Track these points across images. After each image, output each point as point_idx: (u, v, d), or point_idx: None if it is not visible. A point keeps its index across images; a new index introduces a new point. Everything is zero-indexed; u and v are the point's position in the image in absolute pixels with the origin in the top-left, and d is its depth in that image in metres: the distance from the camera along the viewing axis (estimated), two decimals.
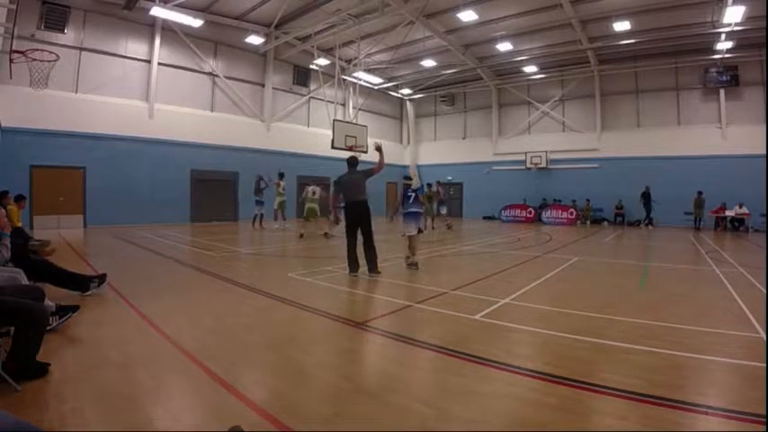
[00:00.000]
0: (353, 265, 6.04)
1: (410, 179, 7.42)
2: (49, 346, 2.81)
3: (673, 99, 18.05)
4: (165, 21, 14.63)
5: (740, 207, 15.50)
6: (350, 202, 6.14)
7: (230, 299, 4.74)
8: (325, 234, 10.95)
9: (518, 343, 3.42)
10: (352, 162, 6.41)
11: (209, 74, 16.88)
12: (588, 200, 19.26)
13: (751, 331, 3.60)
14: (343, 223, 6.71)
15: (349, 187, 6.19)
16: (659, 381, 2.57)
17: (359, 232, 6.10)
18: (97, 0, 13.58)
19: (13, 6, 8.10)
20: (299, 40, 17.67)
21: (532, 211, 20.51)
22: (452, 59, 19.69)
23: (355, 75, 19.64)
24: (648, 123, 18.62)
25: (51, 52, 8.82)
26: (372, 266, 6.02)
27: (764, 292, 5.20)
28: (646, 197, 17.41)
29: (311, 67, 19.39)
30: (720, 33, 14.53)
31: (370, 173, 6.32)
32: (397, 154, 25.86)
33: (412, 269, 6.54)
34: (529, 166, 21.31)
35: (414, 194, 7.03)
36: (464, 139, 24.52)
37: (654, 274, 6.69)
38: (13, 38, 8.41)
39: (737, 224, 15.76)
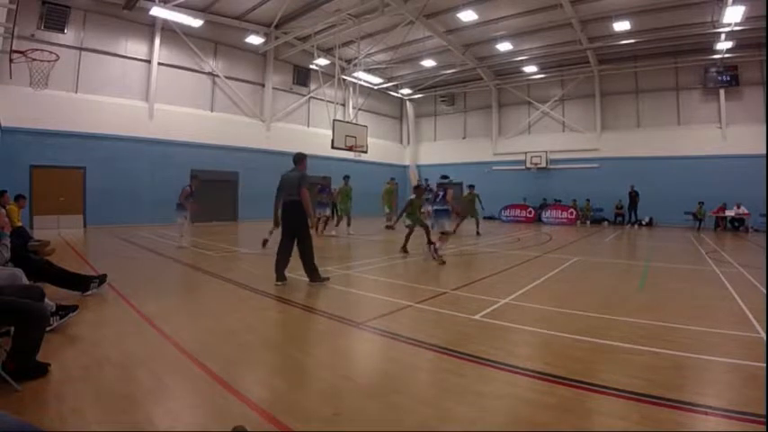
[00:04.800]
0: (280, 273, 5.36)
1: (447, 177, 8.43)
2: (49, 346, 2.81)
3: (673, 99, 18.05)
4: (165, 21, 14.62)
5: (738, 207, 15.51)
6: (285, 202, 5.47)
7: (230, 299, 4.73)
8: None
9: (518, 343, 3.42)
10: (296, 159, 5.66)
11: (209, 74, 16.87)
12: (588, 200, 19.27)
13: (751, 331, 3.60)
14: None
15: (285, 185, 5.52)
16: (659, 381, 2.57)
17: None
18: (97, 0, 13.59)
19: (13, 6, 8.09)
20: (299, 40, 17.66)
21: (532, 211, 20.50)
22: (452, 59, 19.69)
23: (355, 75, 19.64)
24: (648, 123, 18.62)
25: (51, 52, 8.81)
26: (312, 275, 5.35)
27: (764, 292, 5.20)
28: (632, 197, 17.49)
29: (311, 67, 19.39)
30: (720, 33, 14.52)
31: (304, 180, 5.47)
32: (397, 154, 25.87)
33: (438, 261, 7.15)
34: (529, 166, 21.30)
35: (443, 193, 7.73)
36: (464, 139, 24.51)
37: (654, 273, 6.68)
38: (13, 38, 8.39)
39: (737, 224, 15.77)
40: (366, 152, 17.03)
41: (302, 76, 20.14)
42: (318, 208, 11.36)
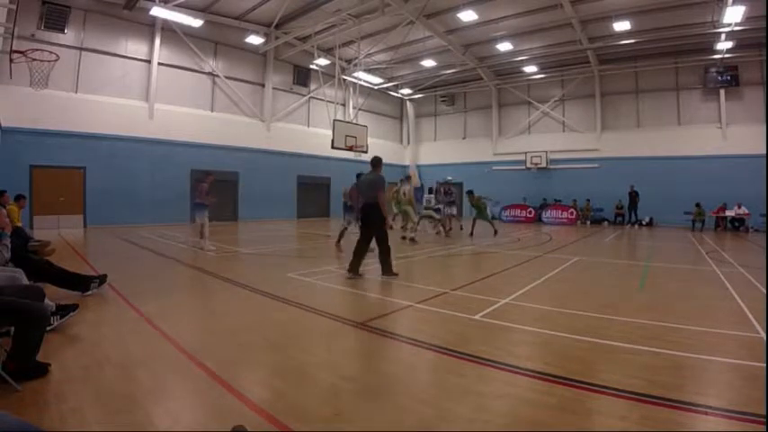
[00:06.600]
0: (354, 266, 5.88)
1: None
2: (49, 346, 2.81)
3: (673, 99, 18.05)
4: (165, 21, 14.61)
5: (738, 207, 15.51)
6: (365, 204, 6.07)
7: (230, 299, 4.74)
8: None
9: (518, 343, 3.42)
10: (373, 163, 6.21)
11: (209, 74, 16.87)
12: (588, 200, 19.27)
13: (751, 331, 3.60)
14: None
15: (363, 187, 6.19)
16: (659, 381, 2.57)
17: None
18: (97, 0, 13.59)
19: (13, 6, 8.09)
20: (299, 40, 17.65)
21: (532, 211, 20.50)
22: (452, 59, 19.69)
23: (355, 75, 19.64)
24: (648, 123, 18.62)
25: (51, 52, 8.81)
26: (385, 268, 5.89)
27: (764, 292, 5.20)
28: (632, 197, 17.50)
29: (311, 67, 19.39)
30: (720, 33, 14.51)
31: (380, 183, 5.96)
32: (397, 154, 25.86)
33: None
34: (529, 166, 21.30)
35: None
36: (464, 139, 24.52)
37: (654, 274, 6.68)
38: (13, 38, 8.40)
39: (737, 224, 15.76)
40: (366, 152, 16.99)
41: (302, 76, 20.13)
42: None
